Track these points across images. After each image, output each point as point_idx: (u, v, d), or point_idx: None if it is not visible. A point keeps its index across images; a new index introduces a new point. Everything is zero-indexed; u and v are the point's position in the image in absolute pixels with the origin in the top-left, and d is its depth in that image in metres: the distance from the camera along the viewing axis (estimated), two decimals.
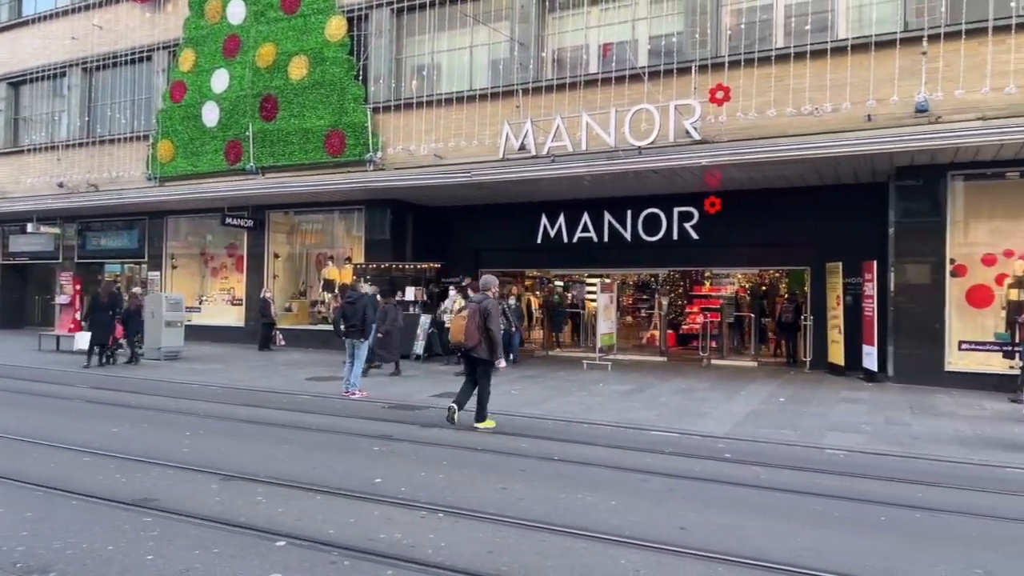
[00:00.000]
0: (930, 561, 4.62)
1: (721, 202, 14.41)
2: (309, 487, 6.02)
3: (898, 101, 11.63)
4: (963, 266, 12.44)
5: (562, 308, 19.73)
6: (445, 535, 4.94)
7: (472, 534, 4.98)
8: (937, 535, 5.14)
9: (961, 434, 8.65)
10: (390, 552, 4.59)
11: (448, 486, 6.16)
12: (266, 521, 5.15)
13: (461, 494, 5.91)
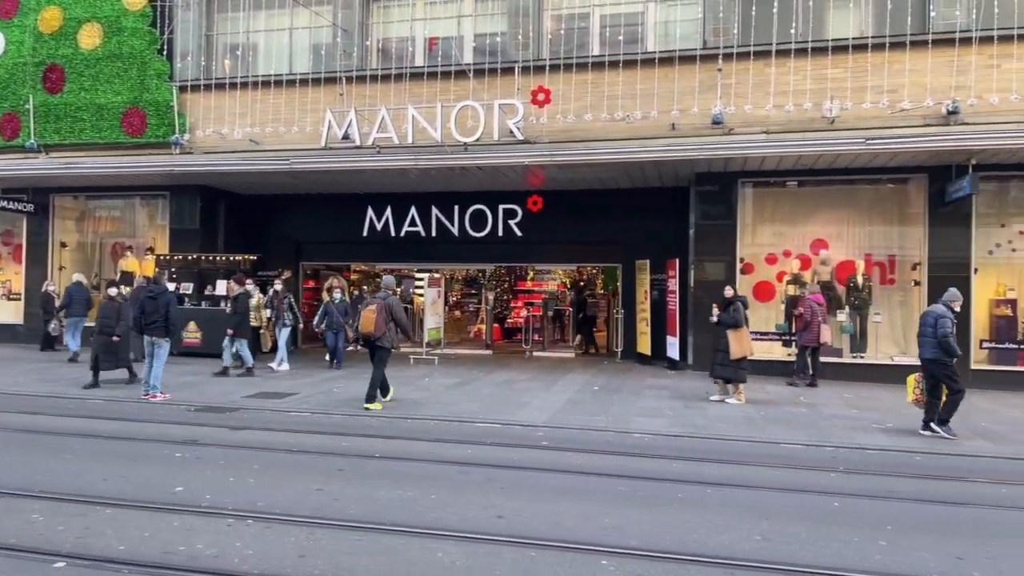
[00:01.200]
0: (718, 530, 5.09)
1: (543, 201, 14.96)
2: (97, 500, 5.43)
3: (698, 112, 12.70)
4: (751, 264, 13.87)
5: None
6: (254, 542, 4.67)
7: (283, 539, 4.74)
8: (724, 507, 5.67)
9: (748, 415, 9.63)
10: (190, 565, 4.26)
11: (259, 490, 5.83)
12: (43, 541, 4.57)
13: (273, 498, 5.62)
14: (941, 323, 8.42)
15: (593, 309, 17.86)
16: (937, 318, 8.49)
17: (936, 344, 8.45)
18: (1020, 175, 12.62)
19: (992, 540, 4.99)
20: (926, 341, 8.60)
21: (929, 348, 8.56)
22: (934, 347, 8.49)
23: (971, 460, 7.51)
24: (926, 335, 8.60)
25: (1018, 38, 11.56)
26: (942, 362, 8.49)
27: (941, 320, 8.44)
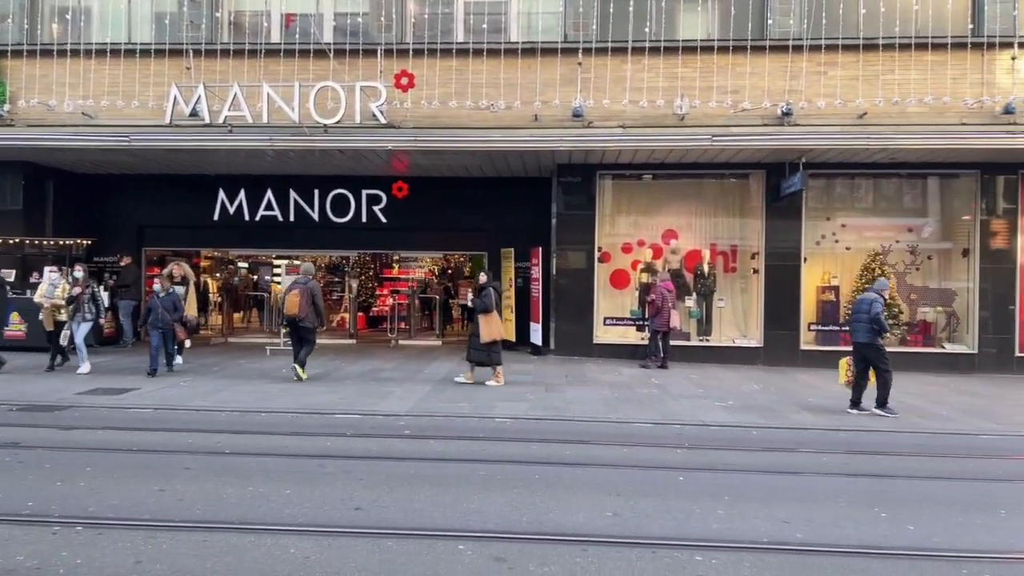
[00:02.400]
0: (573, 509, 5.27)
1: (408, 187, 14.77)
2: None
3: (559, 104, 12.99)
4: (608, 253, 14.43)
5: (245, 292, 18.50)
6: (83, 551, 4.29)
7: (118, 545, 4.39)
8: (580, 485, 5.88)
9: (604, 397, 10.04)
10: None
11: (92, 494, 5.37)
12: None
13: (109, 502, 5.20)
14: (875, 305, 9.10)
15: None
16: (871, 302, 9.17)
17: (869, 329, 9.11)
18: (844, 173, 13.95)
19: (813, 505, 5.50)
20: (860, 327, 9.24)
21: (863, 333, 9.19)
22: (868, 332, 9.15)
23: (798, 432, 8.25)
24: (860, 320, 9.25)
25: (842, 47, 12.72)
26: (875, 346, 9.15)
27: (875, 303, 9.13)
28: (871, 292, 9.45)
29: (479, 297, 10.91)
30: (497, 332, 10.66)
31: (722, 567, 4.26)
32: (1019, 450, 7.61)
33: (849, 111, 12.70)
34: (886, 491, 5.89)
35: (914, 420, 8.95)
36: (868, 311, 9.14)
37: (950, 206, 14.00)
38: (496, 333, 10.63)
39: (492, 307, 10.62)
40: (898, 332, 13.77)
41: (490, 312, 10.60)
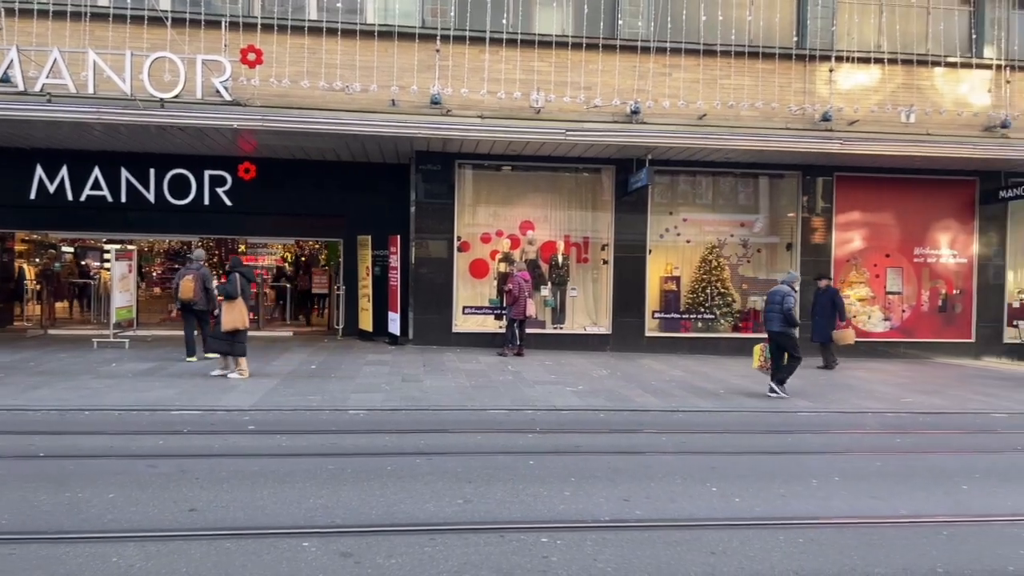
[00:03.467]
0: (425, 498, 5.24)
1: (256, 169, 13.98)
2: None
3: (417, 91, 12.84)
4: (467, 243, 14.48)
5: (69, 279, 16.81)
6: None
7: None
8: (433, 475, 5.86)
9: (461, 385, 10.08)
10: None
11: None
12: None
13: None
14: (787, 300, 9.78)
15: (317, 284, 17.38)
16: (784, 296, 9.82)
17: (782, 319, 9.75)
18: (686, 171, 14.83)
19: (652, 482, 5.82)
20: (773, 316, 9.87)
21: (776, 322, 9.83)
22: (781, 321, 9.78)
23: (641, 414, 8.70)
24: (773, 311, 9.87)
25: (685, 51, 13.49)
26: (788, 334, 9.82)
27: (787, 298, 9.80)
28: (784, 286, 10.13)
29: (223, 283, 10.47)
30: (240, 320, 10.05)
31: (566, 547, 4.40)
32: (832, 425, 8.46)
33: (691, 112, 13.51)
34: (716, 467, 6.35)
35: (742, 400, 9.71)
36: (781, 303, 9.81)
37: (777, 204, 15.29)
38: (239, 321, 10.03)
39: (236, 293, 10.04)
40: (731, 319, 14.88)
41: (234, 299, 10.03)
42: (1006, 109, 14.11)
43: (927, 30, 14.42)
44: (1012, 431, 8.36)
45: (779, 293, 9.97)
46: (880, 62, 13.95)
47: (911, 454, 7.18)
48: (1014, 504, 5.42)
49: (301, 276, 18.11)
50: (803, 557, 4.32)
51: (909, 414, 9.17)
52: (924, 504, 5.39)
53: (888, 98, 13.99)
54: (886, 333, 15.15)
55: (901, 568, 4.18)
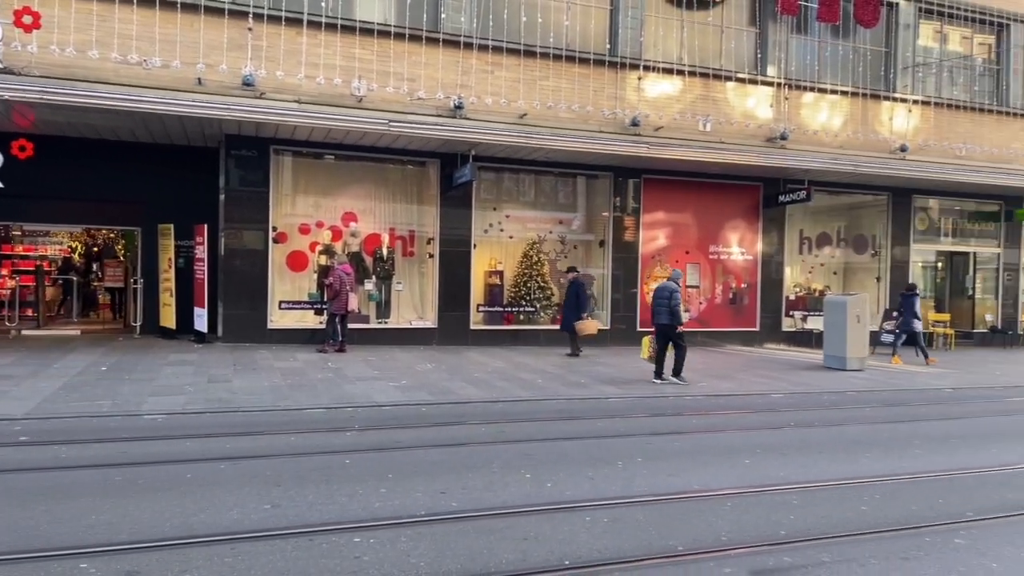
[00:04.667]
0: (228, 506, 4.89)
1: (35, 147, 12.34)
2: None
3: (227, 70, 11.99)
4: (284, 234, 13.80)
5: None
6: None
7: None
8: (239, 480, 5.49)
9: (275, 385, 9.57)
10: None
11: None
12: None
13: None
14: (675, 296, 10.64)
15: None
16: (672, 292, 10.70)
17: (670, 312, 10.61)
18: (510, 168, 15.14)
19: (469, 473, 5.87)
20: (661, 310, 10.73)
21: (664, 316, 10.70)
22: (668, 315, 10.65)
23: (463, 406, 8.78)
24: (661, 305, 10.74)
25: (507, 50, 13.76)
26: (673, 327, 10.65)
27: (675, 294, 10.67)
28: (670, 283, 10.99)
29: None
30: None
31: (380, 545, 4.31)
32: (636, 409, 9.05)
33: (512, 110, 13.84)
34: (532, 454, 6.54)
35: (558, 389, 10.12)
36: (669, 299, 10.68)
37: (593, 203, 16.10)
38: None
39: None
40: (550, 312, 15.46)
41: None
42: (785, 123, 15.89)
43: (721, 47, 15.86)
44: (788, 409, 9.42)
45: (667, 289, 10.89)
46: (682, 74, 15.13)
47: (705, 433, 7.86)
48: (787, 474, 6.09)
49: (93, 268, 16.30)
50: (607, 536, 4.56)
51: (704, 397, 10.05)
52: (713, 478, 5.90)
53: (688, 107, 15.22)
54: (686, 324, 16.44)
55: (692, 539, 4.53)
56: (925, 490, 5.76)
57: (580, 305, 13.42)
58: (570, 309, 13.57)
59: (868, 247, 18.51)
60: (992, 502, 5.42)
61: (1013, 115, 18.37)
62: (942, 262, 19.71)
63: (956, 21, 17.87)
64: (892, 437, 7.81)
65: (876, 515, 5.06)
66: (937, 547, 4.49)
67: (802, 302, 17.61)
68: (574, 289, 13.51)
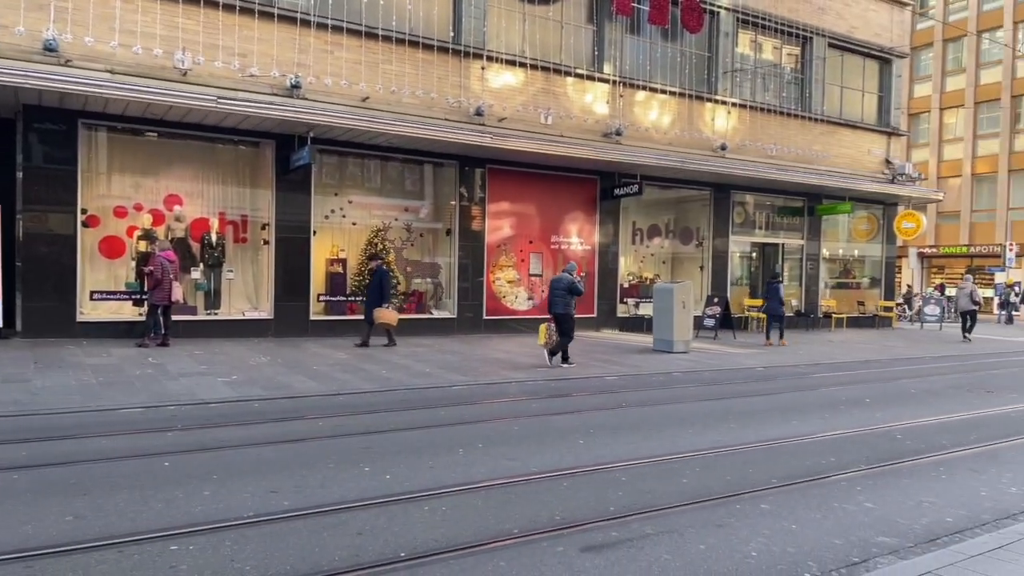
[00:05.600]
0: (21, 521, 4.35)
1: None
2: None
3: (25, 32, 10.66)
4: (97, 217, 12.52)
5: None
6: None
7: None
8: (34, 492, 4.90)
9: (85, 383, 8.67)
10: None
11: None
12: None
13: None
14: (575, 287, 11.44)
15: None
16: (570, 283, 11.43)
17: (567, 302, 11.36)
18: (353, 152, 14.70)
19: (304, 470, 5.63)
20: (558, 300, 11.40)
21: (561, 305, 11.39)
22: (565, 304, 11.38)
23: (300, 401, 8.42)
24: (558, 295, 11.40)
25: (347, 31, 13.33)
26: (569, 315, 11.43)
27: (574, 285, 11.46)
28: (566, 275, 11.72)
29: None
30: None
31: (200, 552, 4.01)
32: (481, 396, 9.14)
33: (354, 93, 13.43)
34: (372, 447, 6.40)
35: (402, 378, 10.00)
36: (567, 288, 11.41)
37: (440, 191, 16.05)
38: None
39: None
40: (397, 301, 15.24)
41: None
42: (620, 119, 16.69)
43: (561, 43, 16.34)
44: (621, 390, 9.93)
45: (564, 280, 11.57)
46: (524, 66, 15.42)
47: (543, 416, 8.08)
48: (618, 453, 6.40)
49: None
50: (444, 525, 4.54)
51: (544, 381, 10.35)
52: (550, 460, 6.07)
53: (531, 100, 15.56)
54: (529, 311, 16.92)
55: (528, 521, 4.63)
56: (738, 461, 6.28)
57: (383, 295, 12.90)
58: (373, 298, 12.98)
59: (693, 238, 19.93)
60: (793, 469, 6.01)
61: (815, 120, 20.50)
62: (756, 252, 21.65)
63: (768, 32, 19.62)
64: (711, 413, 8.45)
65: (696, 487, 5.44)
66: (746, 513, 4.90)
67: (635, 290, 18.64)
68: (377, 278, 12.92)
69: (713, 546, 4.28)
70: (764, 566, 4.04)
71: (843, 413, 8.55)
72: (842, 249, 23.12)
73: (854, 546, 4.36)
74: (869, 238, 23.45)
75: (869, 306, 23.23)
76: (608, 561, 4.03)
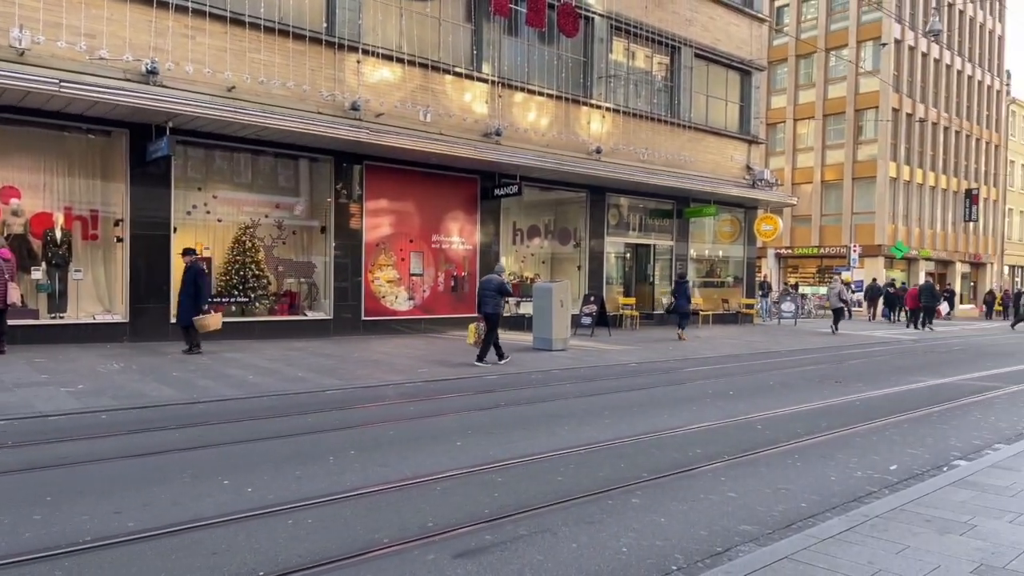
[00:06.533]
0: None
1: None
2: None
3: None
4: None
5: None
6: None
7: None
8: None
9: None
10: None
11: None
12: None
13: None
14: (504, 288, 11.83)
15: None
16: (500, 284, 11.81)
17: (497, 302, 11.71)
18: (220, 145, 13.85)
19: (155, 487, 5.16)
20: (488, 300, 11.69)
21: (491, 305, 11.69)
22: (495, 305, 11.70)
23: (155, 411, 7.78)
24: (489, 295, 11.69)
25: (210, 16, 12.53)
26: (499, 315, 11.81)
27: (504, 286, 11.85)
28: (495, 276, 12.08)
29: None
30: None
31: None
32: (355, 400, 8.82)
33: (219, 82, 12.67)
34: (232, 458, 5.99)
35: (271, 383, 9.49)
36: (496, 288, 11.73)
37: (316, 187, 15.45)
38: None
39: None
40: (267, 302, 14.53)
41: None
42: (499, 119, 16.74)
43: (440, 40, 16.17)
44: (500, 389, 9.91)
45: (494, 281, 11.90)
46: (402, 62, 15.14)
47: (420, 419, 7.90)
48: (494, 453, 6.33)
49: None
50: (310, 538, 4.28)
51: (423, 383, 10.16)
52: (425, 464, 5.91)
53: (409, 96, 15.29)
54: (410, 311, 16.65)
55: (399, 529, 4.45)
56: (612, 456, 6.38)
57: (199, 295, 11.54)
58: (187, 298, 11.59)
59: (571, 239, 20.36)
60: (662, 462, 6.18)
61: (683, 127, 21.49)
62: (630, 253, 22.43)
63: (640, 40, 20.35)
64: (587, 409, 8.59)
65: (570, 484, 5.46)
66: (618, 508, 4.96)
67: (516, 289, 18.78)
68: (191, 276, 11.58)
69: (585, 544, 4.29)
70: (634, 561, 4.08)
71: (709, 405, 8.95)
72: (708, 250, 24.40)
73: (718, 536, 4.50)
74: (732, 240, 24.88)
75: (733, 303, 24.65)
76: (480, 566, 3.94)
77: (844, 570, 3.69)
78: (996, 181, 46.55)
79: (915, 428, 7.92)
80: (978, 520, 4.47)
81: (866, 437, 7.40)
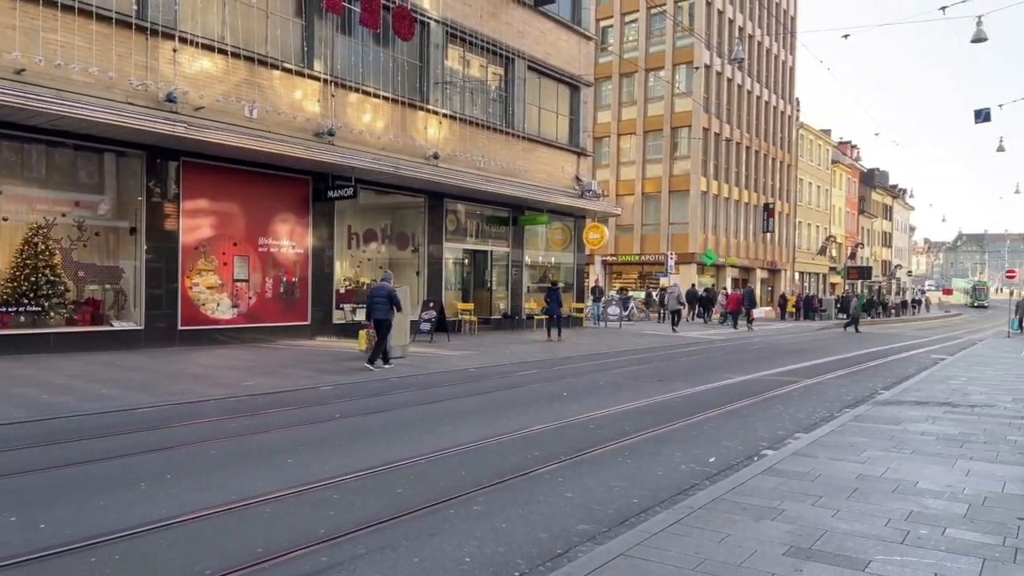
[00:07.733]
0: None
1: None
2: None
3: None
4: None
5: None
6: None
7: None
8: None
9: None
10: None
11: None
12: None
13: None
14: (395, 296, 12.20)
15: None
16: (391, 293, 12.16)
17: (388, 309, 12.04)
18: (5, 134, 12.12)
19: None
20: (380, 307, 12.07)
21: (382, 311, 12.06)
22: (386, 311, 12.06)
23: None
24: (380, 302, 12.08)
25: None
26: (389, 321, 12.20)
27: (394, 296, 12.19)
28: (386, 283, 12.49)
29: None
30: None
31: None
32: (171, 418, 8.06)
33: (6, 63, 11.16)
34: (20, 491, 5.22)
35: (69, 403, 8.44)
36: (387, 296, 12.08)
37: (123, 184, 14.03)
38: None
39: None
40: (64, 311, 12.97)
41: None
42: (332, 119, 16.18)
43: (267, 33, 15.34)
44: (335, 401, 9.51)
45: (384, 289, 12.28)
46: (224, 53, 14.19)
47: (246, 436, 7.37)
48: (330, 469, 6.03)
49: None
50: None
51: (249, 396, 9.51)
52: (253, 485, 5.49)
53: (233, 90, 14.35)
54: (234, 320, 15.60)
55: (223, 559, 4.08)
56: (453, 464, 6.31)
57: None
58: None
59: (409, 244, 20.14)
60: (503, 467, 6.20)
61: (518, 137, 22.02)
62: (468, 259, 22.58)
63: (476, 49, 20.60)
64: (427, 417, 8.47)
65: (411, 496, 5.31)
66: (460, 517, 4.89)
67: (352, 295, 18.24)
68: None
69: (428, 557, 4.17)
70: (477, 570, 4.03)
71: (546, 408, 9.16)
72: (541, 256, 25.18)
73: (558, 538, 4.57)
74: (564, 247, 25.86)
75: (565, 308, 25.59)
76: None
77: (674, 562, 3.87)
78: (789, 197, 52.30)
79: (728, 422, 8.61)
80: (786, 504, 4.90)
81: (687, 432, 7.93)
